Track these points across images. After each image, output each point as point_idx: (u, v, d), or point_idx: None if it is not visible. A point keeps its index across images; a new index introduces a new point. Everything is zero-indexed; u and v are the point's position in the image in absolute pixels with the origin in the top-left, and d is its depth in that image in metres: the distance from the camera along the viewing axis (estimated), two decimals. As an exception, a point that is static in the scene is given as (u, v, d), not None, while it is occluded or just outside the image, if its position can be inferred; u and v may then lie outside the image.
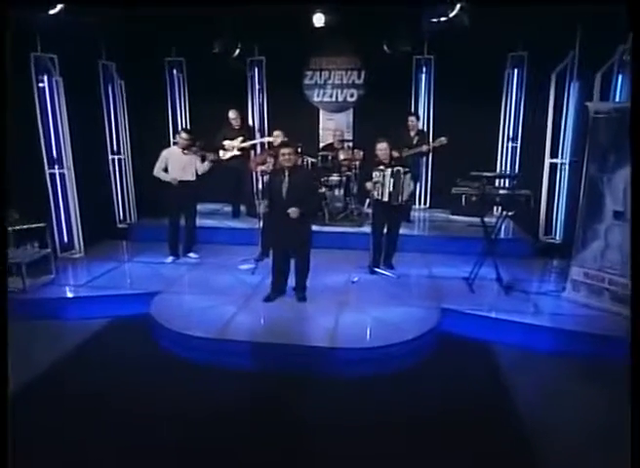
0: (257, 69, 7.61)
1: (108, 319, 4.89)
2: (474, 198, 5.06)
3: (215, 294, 5.02)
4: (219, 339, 4.20)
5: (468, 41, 5.76)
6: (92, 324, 4.75)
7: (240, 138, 6.93)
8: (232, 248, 6.29)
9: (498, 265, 5.15)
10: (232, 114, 6.99)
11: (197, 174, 5.90)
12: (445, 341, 4.41)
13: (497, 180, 6.56)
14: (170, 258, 5.90)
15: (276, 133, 6.40)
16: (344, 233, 6.45)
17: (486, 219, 5.22)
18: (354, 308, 4.70)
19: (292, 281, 4.77)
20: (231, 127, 6.94)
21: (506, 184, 6.59)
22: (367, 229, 5.79)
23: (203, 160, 5.71)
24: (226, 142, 6.90)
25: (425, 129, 7.30)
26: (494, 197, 5.20)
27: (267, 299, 4.77)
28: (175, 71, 7.71)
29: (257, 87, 7.68)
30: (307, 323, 4.37)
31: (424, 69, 7.59)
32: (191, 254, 6.12)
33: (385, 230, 5.39)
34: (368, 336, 4.24)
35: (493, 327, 4.54)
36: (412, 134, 6.61)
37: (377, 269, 5.47)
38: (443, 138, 6.30)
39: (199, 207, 6.22)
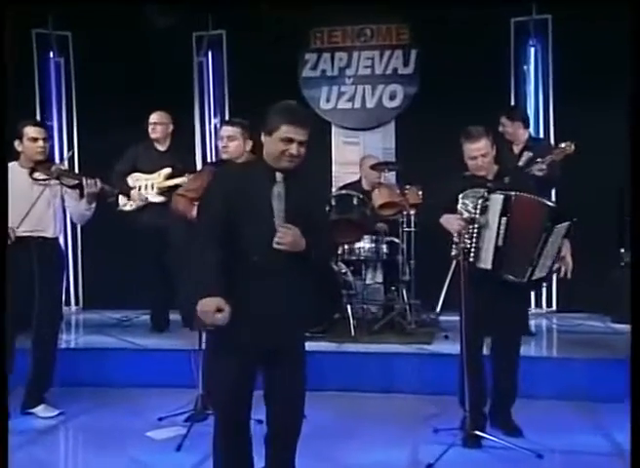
0: (210, 53, 7.33)
1: None
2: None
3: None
4: None
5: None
6: None
7: (166, 171, 6.14)
8: (141, 393, 5.50)
9: None
10: (157, 117, 6.23)
11: (64, 226, 5.94)
12: None
13: None
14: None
15: None
16: (391, 357, 5.61)
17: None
18: None
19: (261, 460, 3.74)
20: (151, 147, 6.30)
21: None
22: (441, 347, 5.60)
23: (81, 192, 4.96)
24: (137, 178, 6.22)
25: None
26: None
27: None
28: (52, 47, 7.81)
29: (210, 82, 7.49)
30: None
31: (533, 42, 7.07)
32: (39, 409, 5.09)
33: (490, 346, 4.59)
34: None
35: None
36: (516, 148, 5.90)
37: (483, 434, 4.47)
38: (567, 144, 5.48)
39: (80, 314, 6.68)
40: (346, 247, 6.17)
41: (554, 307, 7.30)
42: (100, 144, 6.84)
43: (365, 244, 6.13)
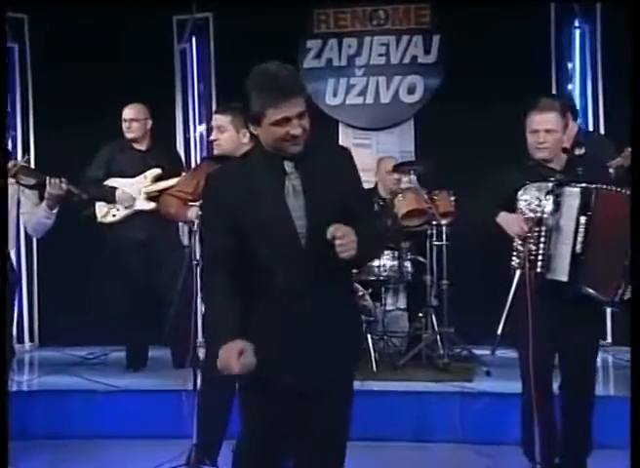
0: (194, 38, 7.20)
1: None
2: None
3: None
4: None
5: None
6: None
7: (154, 172, 6.02)
8: (114, 445, 5.32)
9: None
10: (132, 113, 6.08)
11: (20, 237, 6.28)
12: None
13: None
14: None
15: None
16: (424, 397, 5.46)
17: None
18: None
19: None
20: (128, 147, 6.17)
21: None
22: (485, 385, 5.50)
23: (41, 195, 4.86)
24: (117, 183, 6.11)
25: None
26: None
27: None
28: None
29: (194, 72, 7.37)
30: None
31: (579, 23, 6.94)
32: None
33: (560, 381, 4.39)
34: None
35: None
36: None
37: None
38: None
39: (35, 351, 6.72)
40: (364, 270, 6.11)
41: (609, 339, 6.96)
42: (62, 145, 6.73)
43: (385, 261, 6.02)
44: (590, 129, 6.80)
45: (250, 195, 2.82)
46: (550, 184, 3.97)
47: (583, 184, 3.96)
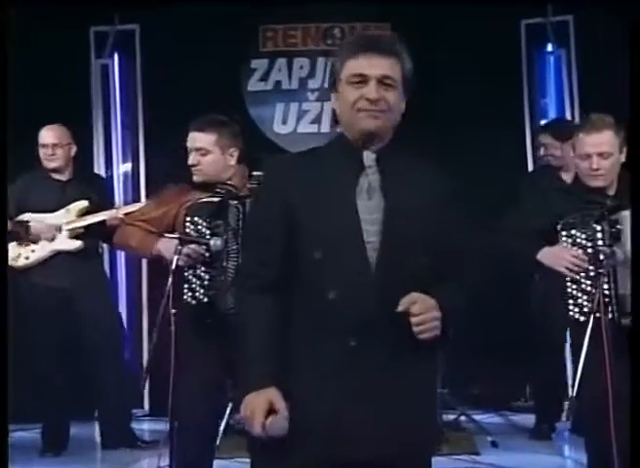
0: (116, 56, 6.79)
1: None
2: None
3: None
4: None
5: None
6: None
7: (80, 205, 5.70)
8: None
9: None
10: (52, 136, 5.67)
11: None
12: None
13: None
14: None
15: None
16: None
17: None
18: None
19: None
20: (46, 177, 5.81)
21: None
22: (497, 458, 5.19)
23: None
24: (32, 218, 5.75)
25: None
26: None
27: None
28: None
29: (116, 94, 6.93)
30: None
31: (552, 48, 6.79)
32: None
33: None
34: None
35: None
36: (567, 176, 5.64)
37: None
38: None
39: None
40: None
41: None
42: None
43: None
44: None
45: (311, 188, 2.41)
46: (597, 211, 3.70)
47: None
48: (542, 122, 6.61)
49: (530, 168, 6.87)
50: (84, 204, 5.40)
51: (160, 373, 6.22)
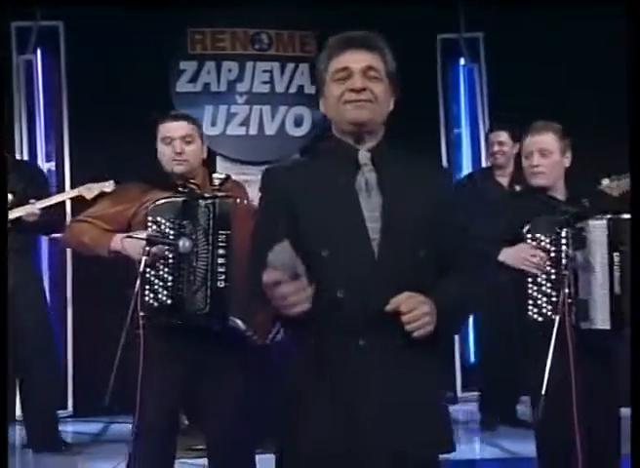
0: (39, 52, 6.64)
1: None
2: None
3: None
4: None
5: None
6: None
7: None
8: None
9: None
10: None
11: None
12: None
13: None
14: None
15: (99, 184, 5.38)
16: None
17: None
18: None
19: None
20: None
21: None
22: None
23: None
24: None
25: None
26: None
27: None
28: None
29: (39, 91, 6.77)
30: None
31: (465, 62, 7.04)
32: None
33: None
34: None
35: None
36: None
37: None
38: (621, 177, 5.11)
39: None
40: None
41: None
42: None
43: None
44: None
45: (312, 192, 2.41)
46: (563, 217, 3.70)
47: (608, 215, 3.70)
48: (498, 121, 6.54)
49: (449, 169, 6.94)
50: (8, 198, 5.19)
51: (87, 374, 6.05)
